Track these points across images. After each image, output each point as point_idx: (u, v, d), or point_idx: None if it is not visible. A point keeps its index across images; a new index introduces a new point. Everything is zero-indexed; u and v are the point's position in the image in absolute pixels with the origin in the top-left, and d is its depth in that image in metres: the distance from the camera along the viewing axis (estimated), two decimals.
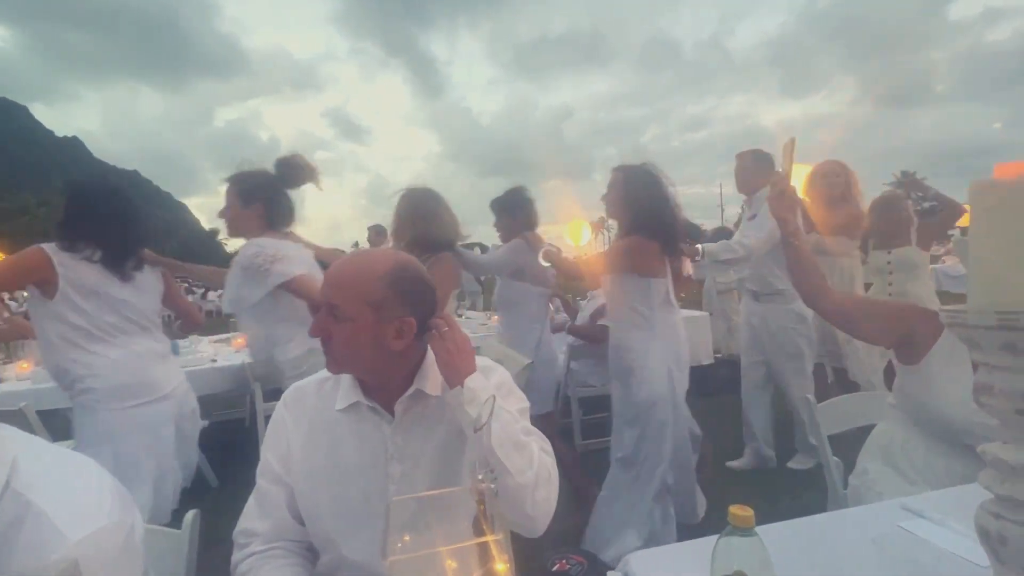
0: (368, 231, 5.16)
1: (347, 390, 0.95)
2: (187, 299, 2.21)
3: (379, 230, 4.83)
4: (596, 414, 3.36)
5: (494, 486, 0.54)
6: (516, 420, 0.89)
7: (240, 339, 3.24)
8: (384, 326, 0.87)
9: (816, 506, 1.34)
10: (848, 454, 1.43)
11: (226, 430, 3.66)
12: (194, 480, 2.05)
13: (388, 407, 0.94)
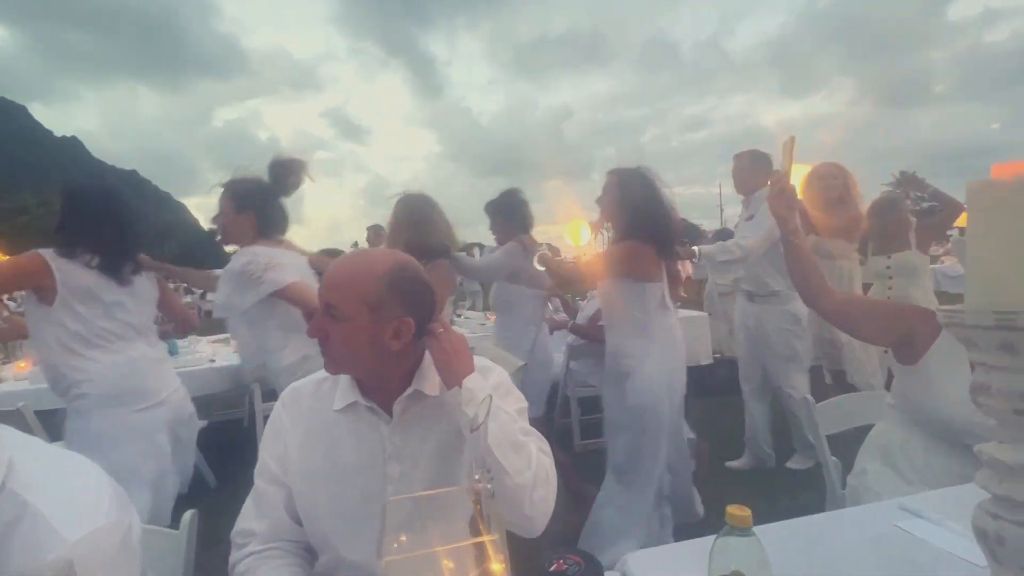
0: (367, 231, 5.16)
1: (345, 390, 0.95)
2: (181, 303, 2.21)
3: (378, 230, 4.82)
4: (595, 414, 3.36)
5: (491, 486, 0.54)
6: (514, 420, 0.88)
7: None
8: (382, 326, 0.87)
9: (815, 506, 1.34)
10: (847, 454, 1.43)
11: (225, 430, 3.66)
12: (192, 480, 2.05)
13: (386, 407, 0.94)
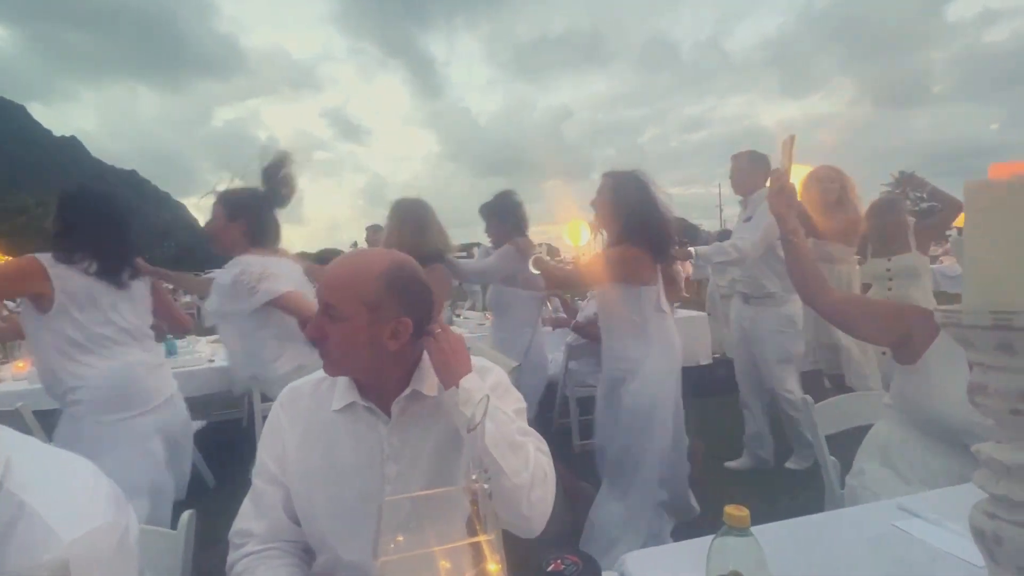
0: (366, 231, 5.16)
1: (343, 391, 0.95)
2: (175, 305, 2.20)
3: (377, 230, 4.82)
4: (594, 414, 3.36)
5: (487, 486, 0.54)
6: (512, 420, 0.88)
7: None
8: (380, 326, 0.87)
9: (814, 506, 1.34)
10: (845, 454, 1.43)
11: (223, 430, 3.65)
12: (191, 480, 2.04)
13: (384, 407, 0.94)
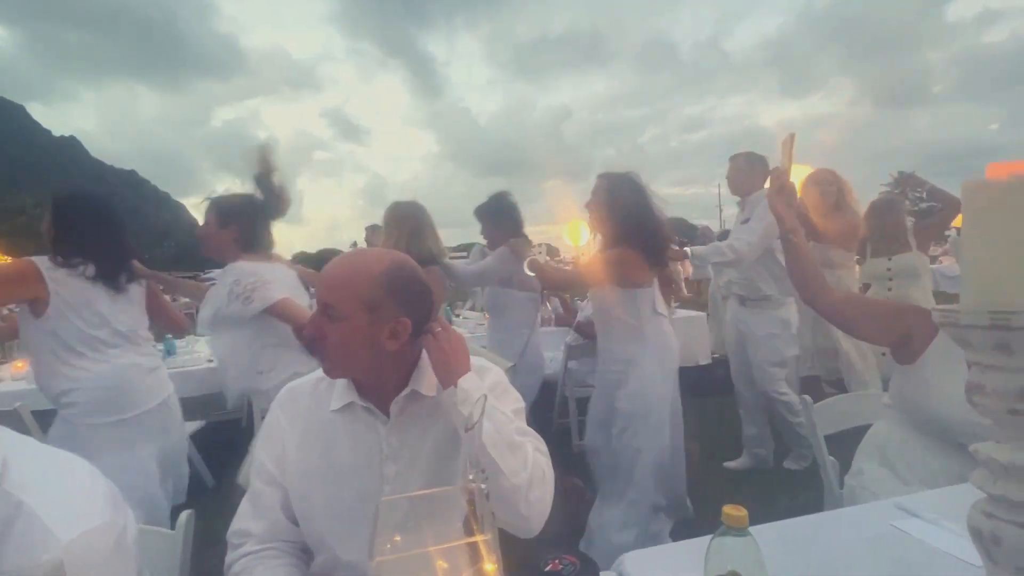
0: (365, 231, 5.15)
1: (342, 391, 0.95)
2: (172, 306, 2.19)
3: (377, 230, 4.80)
4: None
5: (484, 486, 0.54)
6: (510, 420, 0.88)
7: None
8: (379, 326, 0.87)
9: (813, 506, 1.34)
10: (845, 454, 1.43)
11: (222, 430, 3.64)
12: (190, 480, 2.04)
13: (383, 408, 0.94)
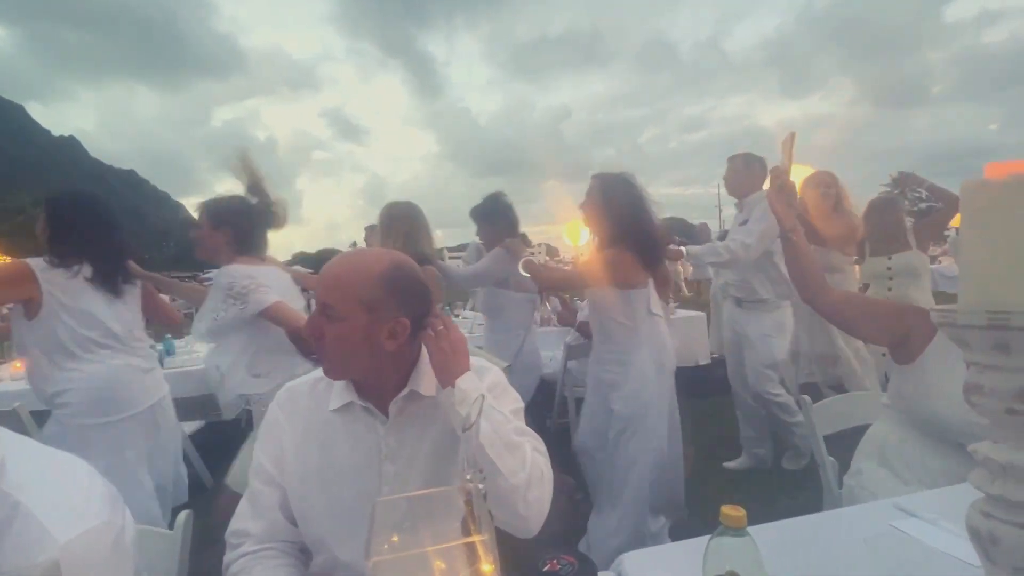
0: (365, 231, 5.14)
1: (340, 390, 0.95)
2: (165, 303, 2.17)
3: (375, 230, 4.80)
4: None
5: (482, 486, 0.54)
6: (508, 421, 0.88)
7: None
8: (378, 326, 0.87)
9: (812, 506, 1.34)
10: (844, 454, 1.43)
11: (222, 430, 3.63)
12: (188, 480, 2.04)
13: (382, 407, 0.94)
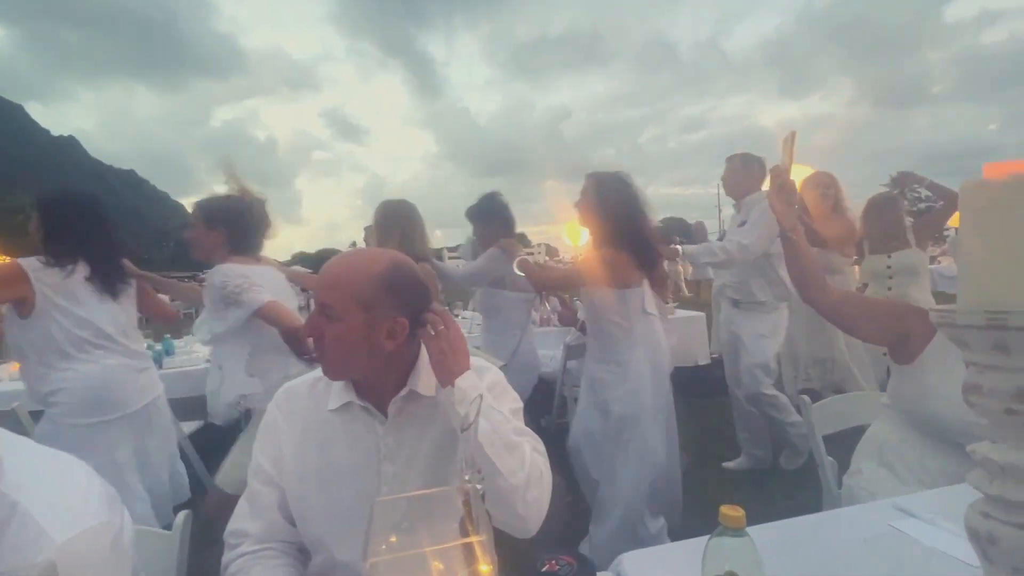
0: (365, 231, 5.14)
1: (339, 390, 0.95)
2: (159, 299, 2.16)
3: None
4: None
5: (480, 487, 0.54)
6: (508, 420, 0.88)
7: None
8: (377, 326, 0.87)
9: (812, 506, 1.34)
10: (844, 454, 1.43)
11: (221, 430, 3.63)
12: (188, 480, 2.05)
13: (381, 407, 0.94)
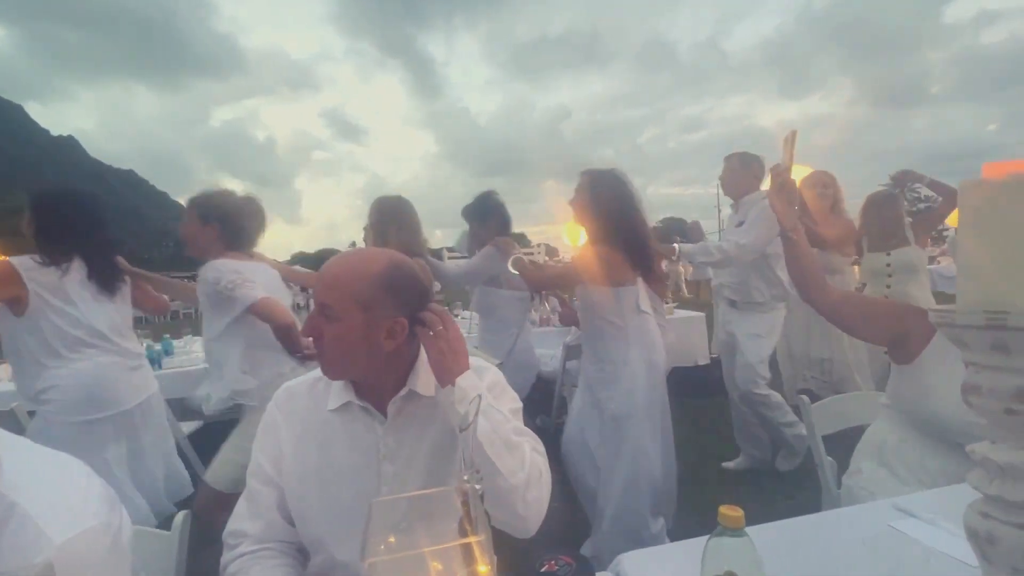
0: (364, 231, 5.14)
1: (339, 390, 0.95)
2: (151, 292, 2.14)
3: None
4: None
5: (479, 487, 0.54)
6: (507, 420, 0.88)
7: None
8: (376, 326, 0.87)
9: (811, 506, 1.33)
10: (843, 454, 1.43)
11: (220, 431, 3.63)
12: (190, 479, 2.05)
13: (380, 407, 0.94)
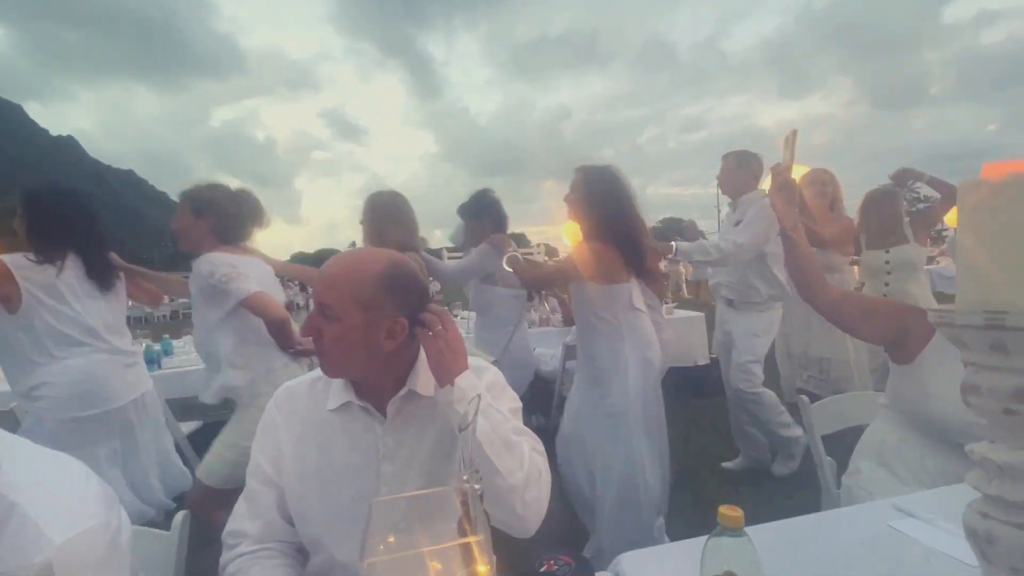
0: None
1: (339, 390, 0.95)
2: (144, 283, 2.14)
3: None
4: None
5: (478, 486, 0.54)
6: (507, 420, 0.88)
7: None
8: (376, 326, 0.87)
9: (810, 506, 1.33)
10: (842, 454, 1.43)
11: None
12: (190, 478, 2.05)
13: (380, 407, 0.94)
